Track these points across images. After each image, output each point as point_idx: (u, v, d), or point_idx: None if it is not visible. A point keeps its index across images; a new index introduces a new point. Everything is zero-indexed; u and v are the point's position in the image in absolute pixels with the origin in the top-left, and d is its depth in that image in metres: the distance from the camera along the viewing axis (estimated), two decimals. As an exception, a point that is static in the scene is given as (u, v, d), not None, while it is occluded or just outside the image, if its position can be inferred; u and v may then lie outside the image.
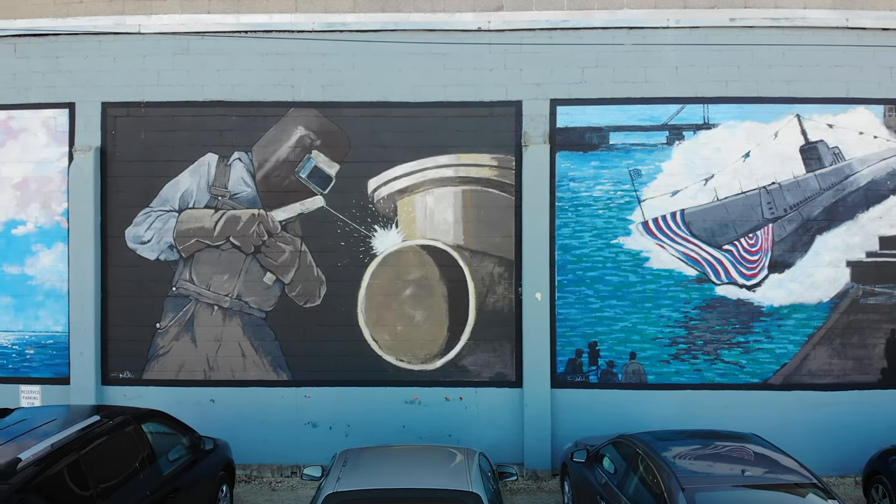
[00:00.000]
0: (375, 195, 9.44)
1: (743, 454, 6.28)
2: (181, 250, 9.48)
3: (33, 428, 5.76)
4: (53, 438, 5.26)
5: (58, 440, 5.28)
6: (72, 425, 5.62)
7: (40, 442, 5.19)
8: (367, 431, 9.35)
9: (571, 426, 9.22)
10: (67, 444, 5.34)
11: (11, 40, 9.64)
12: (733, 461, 6.17)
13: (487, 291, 9.34)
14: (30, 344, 9.60)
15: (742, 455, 6.27)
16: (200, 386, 9.47)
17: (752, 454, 6.27)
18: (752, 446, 6.46)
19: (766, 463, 6.04)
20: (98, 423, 5.85)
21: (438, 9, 9.45)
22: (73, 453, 5.29)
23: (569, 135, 9.31)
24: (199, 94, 9.47)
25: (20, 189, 9.60)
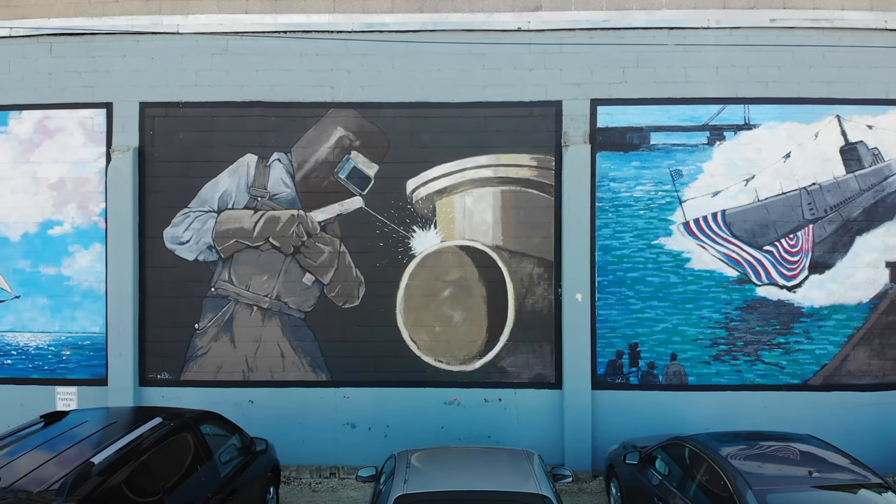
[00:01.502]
0: (414, 196, 9.41)
1: (804, 455, 6.25)
2: (220, 251, 9.45)
3: (96, 431, 5.73)
4: (121, 441, 5.22)
5: (126, 443, 5.24)
6: (136, 428, 5.58)
7: (109, 445, 5.15)
8: (406, 432, 9.33)
9: (611, 428, 9.19)
10: (135, 447, 5.31)
11: (47, 39, 9.61)
12: (796, 462, 6.14)
13: (527, 292, 9.31)
14: (66, 345, 9.56)
15: (804, 456, 6.24)
16: (239, 387, 9.44)
17: (813, 455, 6.24)
18: (812, 447, 6.43)
19: (830, 463, 6.01)
20: (161, 426, 5.81)
21: (477, 9, 9.43)
22: (141, 456, 5.26)
23: (609, 135, 9.28)
24: (238, 94, 9.44)
25: (56, 189, 9.56)
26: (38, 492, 4.44)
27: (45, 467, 4.86)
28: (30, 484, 4.58)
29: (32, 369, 9.59)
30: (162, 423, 5.87)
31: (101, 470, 4.81)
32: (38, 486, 4.54)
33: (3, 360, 9.62)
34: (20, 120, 9.60)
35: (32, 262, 9.59)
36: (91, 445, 5.33)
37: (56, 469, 4.82)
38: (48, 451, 5.23)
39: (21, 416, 9.44)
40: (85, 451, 5.18)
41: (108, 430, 5.73)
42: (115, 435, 5.47)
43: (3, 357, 9.62)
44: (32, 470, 4.80)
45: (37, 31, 9.56)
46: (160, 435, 5.67)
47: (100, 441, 5.44)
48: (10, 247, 9.61)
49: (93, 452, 5.06)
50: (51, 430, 5.73)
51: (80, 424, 5.93)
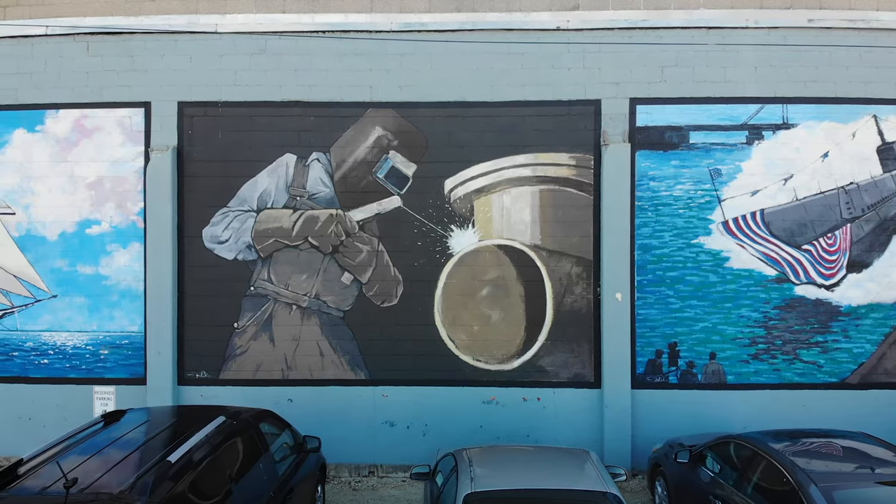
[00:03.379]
0: (452, 195, 9.42)
1: (861, 452, 6.25)
2: (259, 250, 9.45)
3: (161, 430, 5.73)
4: (192, 440, 5.22)
5: (196, 442, 5.24)
6: (203, 427, 5.57)
7: (180, 444, 5.14)
8: (444, 431, 9.34)
9: (650, 427, 9.20)
10: (205, 445, 5.31)
11: (84, 38, 9.61)
12: (854, 458, 6.14)
13: (565, 291, 9.32)
14: (104, 344, 9.57)
15: (860, 453, 6.24)
16: (278, 385, 9.44)
17: (869, 452, 6.24)
18: (867, 444, 6.44)
19: (889, 461, 6.01)
20: (225, 425, 5.81)
21: (514, 8, 9.43)
22: (211, 455, 5.26)
23: (648, 134, 9.29)
24: (277, 94, 9.44)
25: (94, 188, 9.57)
26: (119, 492, 4.44)
27: (119, 467, 4.86)
28: (109, 484, 4.57)
29: (70, 369, 9.59)
30: (226, 421, 5.87)
31: (177, 469, 4.81)
32: (118, 486, 4.53)
33: (40, 360, 9.62)
34: (57, 119, 9.60)
35: (70, 261, 9.58)
36: (160, 445, 5.34)
37: (131, 468, 4.81)
38: (118, 450, 5.22)
39: (58, 415, 9.51)
40: (156, 451, 5.18)
41: (172, 429, 5.73)
42: (182, 434, 5.47)
43: (39, 357, 9.62)
44: (108, 470, 4.79)
45: (73, 30, 9.56)
46: (226, 434, 5.67)
47: (167, 440, 5.44)
48: (46, 246, 9.61)
49: (165, 452, 5.06)
50: (114, 429, 5.73)
51: (142, 424, 5.93)
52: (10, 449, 9.65)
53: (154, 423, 5.92)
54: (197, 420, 5.92)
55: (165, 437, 5.50)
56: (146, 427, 5.83)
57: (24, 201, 9.64)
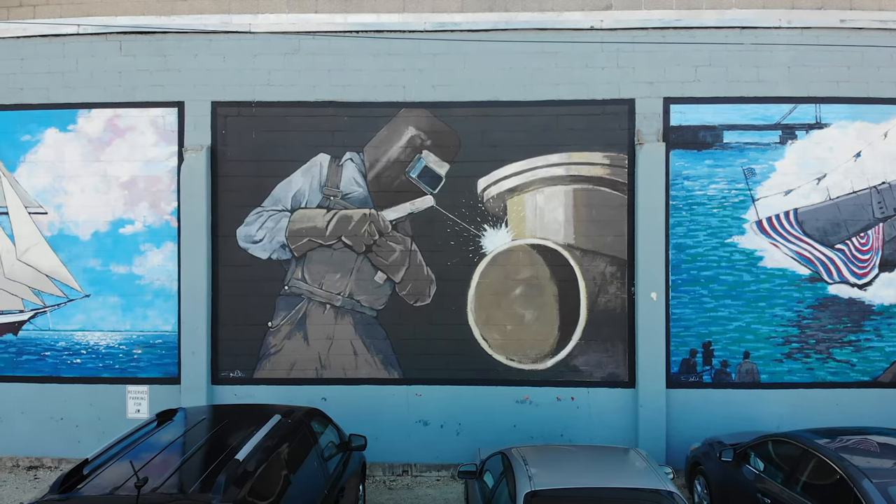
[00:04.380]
0: (485, 194, 9.43)
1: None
2: (293, 249, 9.46)
3: (218, 429, 5.73)
4: (254, 439, 5.22)
5: (259, 440, 5.24)
6: (263, 425, 5.57)
7: (244, 443, 5.14)
8: (478, 430, 9.35)
9: (684, 426, 9.21)
10: (267, 444, 5.31)
11: (116, 37, 9.61)
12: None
13: (599, 291, 9.33)
14: (137, 344, 9.57)
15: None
16: (312, 384, 9.45)
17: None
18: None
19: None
20: (282, 423, 5.82)
21: (546, 7, 9.44)
22: (273, 453, 5.26)
23: (682, 133, 9.30)
24: (311, 94, 9.44)
25: (128, 188, 9.57)
26: (192, 491, 4.44)
27: (186, 466, 4.86)
28: (180, 483, 4.58)
29: (102, 368, 9.59)
30: (282, 420, 5.88)
31: (246, 467, 4.81)
32: (190, 485, 4.54)
33: (73, 360, 9.62)
34: (89, 118, 9.60)
35: (103, 260, 9.58)
36: (222, 443, 5.33)
37: (200, 467, 4.82)
38: (180, 449, 5.23)
39: (90, 415, 9.54)
40: (220, 449, 5.18)
41: (229, 428, 5.73)
42: (242, 432, 5.47)
43: (72, 356, 9.62)
44: (176, 469, 4.79)
45: (105, 29, 9.56)
46: (284, 432, 5.68)
47: (228, 439, 5.44)
48: (79, 245, 9.61)
49: (230, 450, 5.06)
50: (170, 428, 5.74)
51: (196, 423, 5.93)
52: (42, 449, 9.67)
53: (209, 422, 5.93)
54: (251, 418, 5.93)
55: (225, 436, 5.50)
56: (202, 426, 5.83)
57: (56, 201, 9.64)
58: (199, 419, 6.02)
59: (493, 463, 6.53)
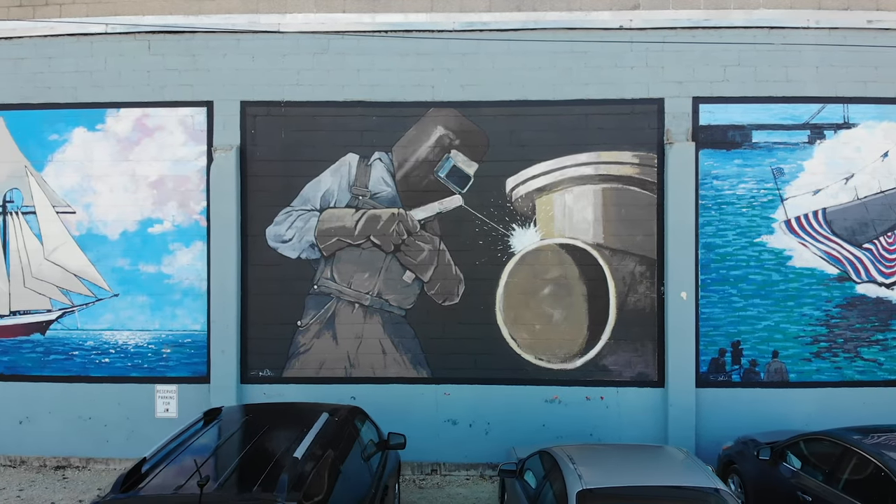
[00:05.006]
0: (513, 194, 9.44)
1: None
2: (322, 249, 9.47)
3: (270, 426, 5.73)
4: (308, 437, 5.22)
5: (313, 439, 5.25)
6: (314, 423, 5.57)
7: (299, 442, 5.14)
8: (507, 429, 9.36)
9: (713, 425, 9.23)
10: (321, 442, 5.32)
11: (145, 37, 9.62)
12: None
13: (628, 290, 9.35)
14: (166, 343, 9.57)
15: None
16: (341, 383, 9.46)
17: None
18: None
19: None
20: (330, 421, 5.83)
21: (574, 7, 9.46)
22: (326, 451, 5.27)
23: (711, 132, 9.32)
24: (340, 94, 9.45)
25: (157, 188, 9.57)
26: (255, 490, 4.44)
27: (244, 464, 4.87)
28: (242, 482, 4.58)
29: (131, 367, 9.59)
30: (331, 418, 5.88)
31: (304, 465, 4.82)
32: (251, 483, 4.54)
33: (101, 359, 9.62)
34: (118, 118, 9.61)
35: (132, 260, 9.59)
36: (275, 442, 5.34)
37: (259, 465, 4.82)
38: (234, 448, 5.23)
39: (119, 414, 9.55)
40: (275, 448, 5.18)
41: (279, 426, 5.73)
42: (292, 430, 5.48)
43: (100, 356, 9.62)
44: (235, 468, 4.80)
45: (134, 28, 9.56)
46: (333, 430, 5.70)
47: (280, 437, 5.44)
48: (108, 245, 9.62)
49: (286, 448, 5.07)
50: (219, 427, 5.74)
51: (244, 421, 5.93)
52: (70, 449, 9.67)
53: (256, 421, 5.93)
54: (297, 417, 5.95)
55: (276, 434, 5.51)
56: (250, 424, 5.84)
57: (84, 200, 9.64)
58: (246, 418, 6.02)
59: (535, 462, 6.54)
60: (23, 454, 9.73)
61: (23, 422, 9.71)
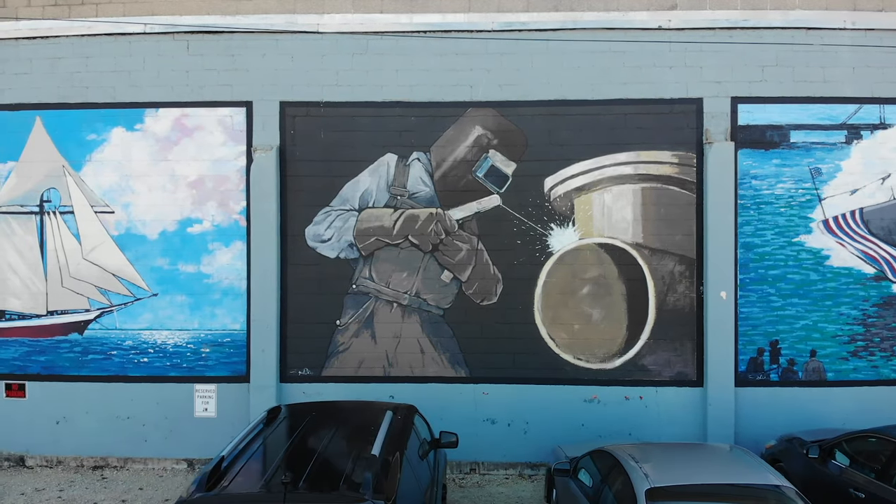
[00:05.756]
0: (552, 193, 9.47)
1: None
2: (361, 248, 9.49)
3: (337, 425, 5.74)
4: (380, 435, 5.24)
5: (385, 437, 5.27)
6: (379, 421, 5.59)
7: (371, 439, 5.16)
8: (546, 429, 9.38)
9: (751, 424, 9.26)
10: (392, 440, 5.35)
11: (184, 37, 9.63)
12: None
13: (668, 290, 9.38)
14: (205, 342, 9.59)
15: None
16: (380, 382, 9.48)
17: None
18: None
19: None
20: (395, 420, 5.85)
21: (612, 7, 9.49)
22: (398, 449, 5.29)
23: (750, 132, 9.36)
24: (378, 94, 9.47)
25: (196, 187, 9.59)
26: (342, 488, 4.45)
27: (322, 462, 4.88)
28: (324, 480, 4.59)
29: (170, 367, 9.61)
30: (395, 416, 5.91)
31: (382, 462, 4.84)
32: (334, 481, 4.56)
33: (139, 359, 9.63)
34: (157, 118, 9.62)
35: (171, 259, 9.60)
36: (347, 440, 5.35)
37: (337, 463, 4.84)
38: (308, 446, 5.24)
39: (158, 414, 9.59)
40: (348, 446, 5.19)
41: (345, 425, 5.75)
42: (362, 429, 5.50)
43: (139, 355, 9.64)
44: (314, 466, 4.81)
45: (172, 28, 9.58)
46: (399, 428, 5.72)
47: (350, 435, 5.46)
48: (147, 245, 9.63)
49: (362, 447, 5.08)
50: (286, 425, 5.75)
51: (310, 420, 5.93)
52: (107, 449, 9.68)
53: (322, 419, 5.94)
54: (361, 414, 5.98)
55: (345, 432, 5.52)
56: (316, 423, 5.84)
57: (123, 200, 9.65)
58: (310, 416, 6.03)
59: (590, 461, 6.55)
60: (59, 454, 9.73)
61: (60, 422, 9.71)
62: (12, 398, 9.76)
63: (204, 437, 9.52)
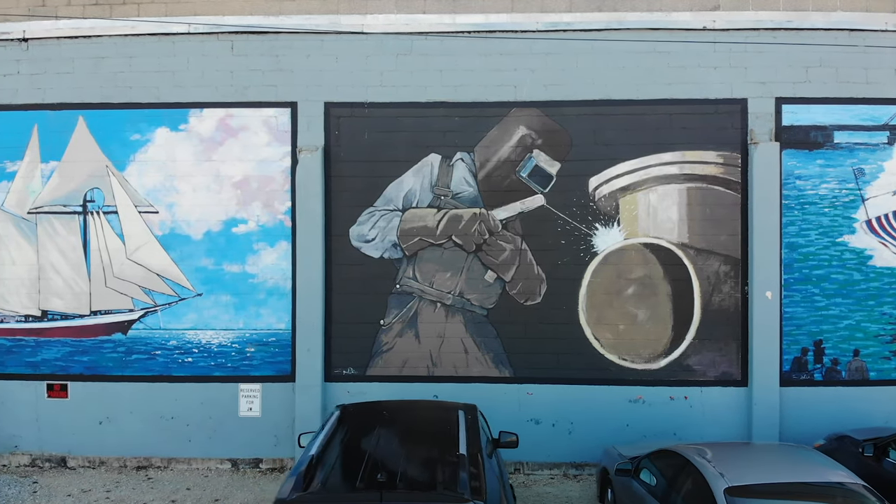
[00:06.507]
0: (596, 193, 9.49)
1: None
2: (405, 248, 9.51)
3: (412, 424, 5.76)
4: (462, 434, 5.26)
5: (466, 436, 5.28)
6: (454, 420, 5.61)
7: (454, 436, 5.18)
8: (590, 429, 9.41)
9: (794, 424, 9.26)
10: (473, 439, 5.36)
11: (228, 37, 9.64)
12: None
13: (713, 290, 9.40)
14: (250, 342, 9.60)
15: None
16: (424, 382, 9.49)
17: None
18: None
19: None
20: (468, 419, 5.87)
21: (655, 8, 9.52)
22: (479, 448, 5.31)
23: (794, 133, 9.39)
24: (422, 95, 9.49)
25: (240, 188, 9.60)
26: (439, 488, 4.46)
27: (412, 461, 4.88)
28: (419, 480, 4.60)
29: (214, 367, 9.61)
30: (468, 415, 5.93)
31: (471, 462, 4.85)
32: (429, 481, 4.56)
33: (184, 359, 9.64)
34: (201, 118, 9.63)
35: (215, 259, 9.61)
36: (427, 439, 5.36)
37: (427, 463, 4.84)
38: (390, 445, 5.26)
39: (202, 414, 9.59)
40: (432, 445, 5.19)
41: (420, 423, 5.76)
42: (439, 427, 5.52)
43: (183, 355, 9.64)
44: (406, 466, 4.81)
45: (215, 29, 9.59)
46: (474, 427, 5.74)
47: (428, 434, 5.47)
48: (191, 245, 9.64)
49: (447, 446, 5.09)
50: (361, 424, 5.74)
51: (385, 419, 5.94)
52: (151, 449, 9.68)
53: (395, 418, 5.96)
54: (431, 413, 5.99)
55: (423, 431, 5.54)
56: (391, 422, 5.86)
57: (167, 200, 9.66)
58: (380, 414, 6.05)
59: (654, 461, 6.57)
60: (102, 455, 9.73)
61: (103, 422, 9.72)
62: (54, 398, 9.76)
63: (248, 436, 9.55)
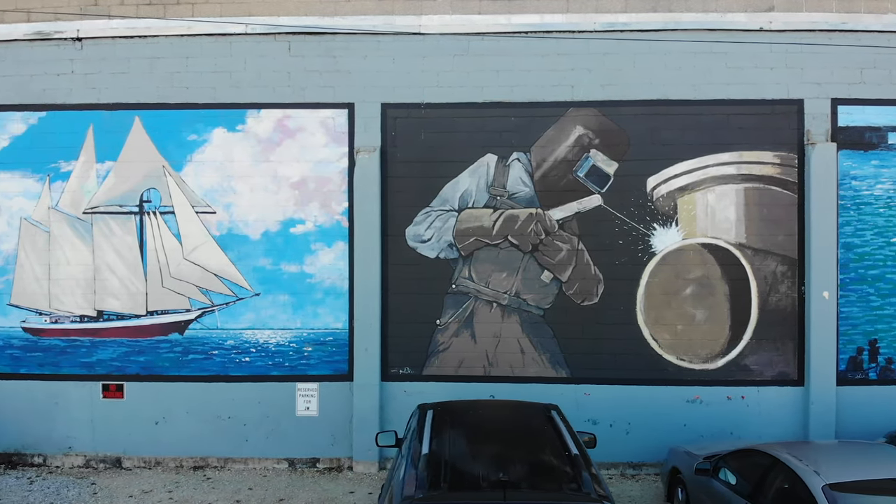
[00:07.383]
0: (654, 193, 9.53)
1: None
2: (460, 249, 9.54)
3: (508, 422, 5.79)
4: (566, 435, 5.28)
5: (568, 433, 5.31)
6: (549, 420, 5.64)
7: (558, 436, 5.21)
8: (648, 430, 9.43)
9: (850, 423, 9.29)
10: (576, 439, 5.39)
11: (285, 38, 9.67)
12: None
13: (770, 290, 9.44)
14: (308, 341, 9.62)
15: None
16: (480, 382, 9.51)
17: None
18: None
19: None
20: (562, 419, 5.90)
21: (710, 9, 9.55)
22: (577, 445, 5.33)
23: (849, 133, 9.43)
24: (479, 95, 9.52)
25: (298, 188, 9.62)
26: (565, 488, 4.48)
27: (527, 462, 4.90)
28: (541, 481, 4.62)
29: (272, 366, 9.64)
30: (559, 415, 5.96)
31: (582, 462, 4.88)
32: (552, 482, 4.59)
33: (241, 358, 9.66)
34: (259, 119, 9.66)
35: (273, 259, 9.64)
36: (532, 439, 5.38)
37: (545, 463, 4.86)
38: (494, 444, 5.27)
39: (259, 413, 9.62)
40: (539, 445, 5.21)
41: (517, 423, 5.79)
42: (538, 427, 5.55)
43: (240, 355, 9.67)
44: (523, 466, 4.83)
45: (272, 29, 9.61)
46: (570, 427, 5.76)
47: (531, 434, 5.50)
48: (249, 245, 9.67)
49: (553, 446, 5.12)
50: (455, 423, 5.76)
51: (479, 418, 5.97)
52: (207, 449, 9.70)
53: (488, 417, 5.99)
54: (520, 413, 6.03)
55: (523, 431, 5.56)
56: (488, 421, 5.89)
57: (224, 200, 9.68)
58: (471, 414, 6.07)
59: (735, 460, 6.60)
60: (158, 455, 9.76)
61: (159, 422, 9.74)
62: (110, 399, 9.78)
63: (305, 436, 9.58)
